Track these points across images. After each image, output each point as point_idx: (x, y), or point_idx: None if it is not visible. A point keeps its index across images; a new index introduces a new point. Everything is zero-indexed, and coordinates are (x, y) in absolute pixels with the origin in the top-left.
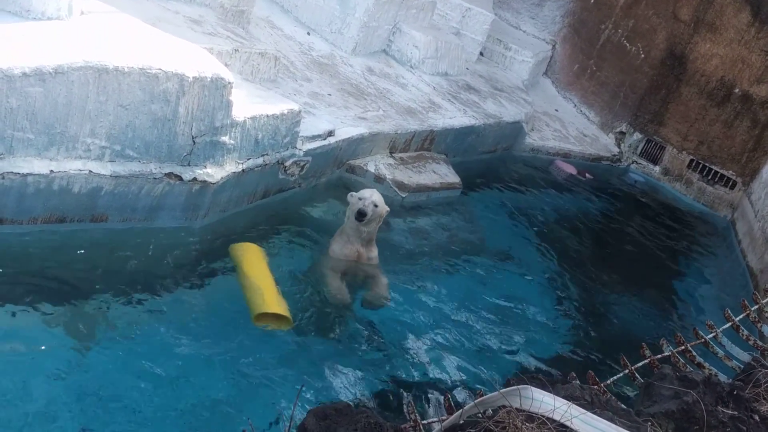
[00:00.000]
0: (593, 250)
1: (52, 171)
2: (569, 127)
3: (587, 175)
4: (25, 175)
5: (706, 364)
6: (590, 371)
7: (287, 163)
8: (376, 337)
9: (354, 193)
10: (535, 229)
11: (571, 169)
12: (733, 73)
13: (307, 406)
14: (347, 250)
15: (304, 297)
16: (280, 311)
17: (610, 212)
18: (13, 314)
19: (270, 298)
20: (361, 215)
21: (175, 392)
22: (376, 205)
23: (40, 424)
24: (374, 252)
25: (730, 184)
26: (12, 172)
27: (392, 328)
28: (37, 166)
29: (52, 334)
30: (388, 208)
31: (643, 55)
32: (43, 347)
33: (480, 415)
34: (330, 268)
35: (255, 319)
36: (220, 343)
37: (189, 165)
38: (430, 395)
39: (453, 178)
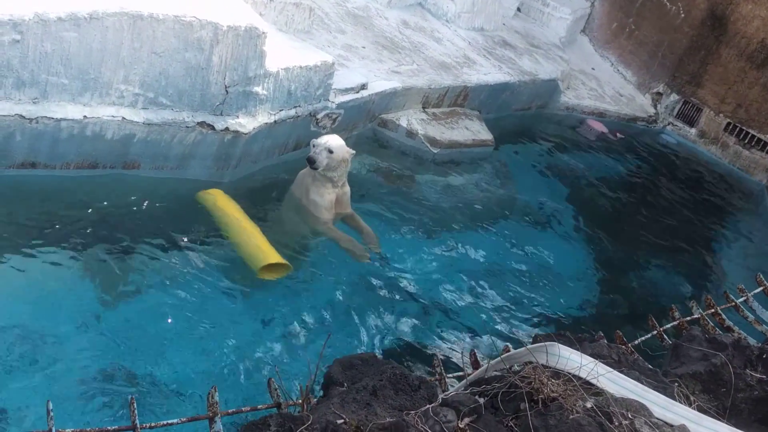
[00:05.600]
0: (625, 210)
1: (85, 116)
2: (605, 87)
3: (618, 134)
4: (58, 120)
5: (736, 328)
6: (618, 331)
7: (319, 116)
8: (403, 292)
9: (314, 140)
10: (566, 188)
11: (602, 128)
12: None
13: (332, 357)
14: (328, 197)
15: (325, 252)
16: (279, 260)
17: (643, 173)
18: (45, 256)
19: (267, 249)
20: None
21: (203, 340)
22: (330, 151)
23: (68, 365)
24: (347, 188)
25: (767, 148)
26: (46, 117)
27: (420, 282)
28: (71, 111)
29: (81, 277)
30: (351, 151)
31: (683, 15)
32: (72, 290)
33: (506, 370)
34: (326, 223)
35: (259, 272)
36: (248, 293)
37: (221, 114)
38: (456, 349)
39: (486, 135)
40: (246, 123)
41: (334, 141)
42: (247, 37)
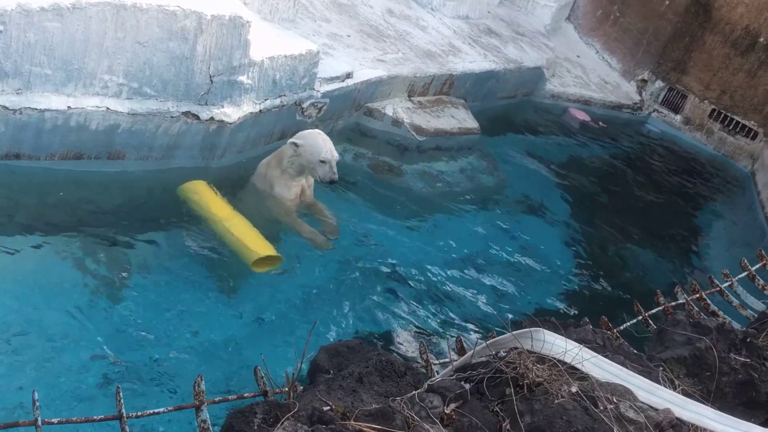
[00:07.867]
0: (611, 197)
1: (69, 107)
2: (590, 74)
3: (601, 123)
4: (42, 111)
5: (720, 312)
6: (603, 316)
7: (305, 105)
8: (389, 279)
9: (298, 141)
10: (552, 175)
11: (584, 117)
12: (758, 22)
13: (319, 345)
14: (294, 189)
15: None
16: (272, 252)
17: (629, 160)
18: (30, 247)
19: (259, 242)
20: (334, 182)
21: (189, 329)
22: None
23: (55, 356)
24: (311, 179)
25: (752, 134)
26: (29, 108)
27: (406, 270)
28: (55, 102)
29: (67, 268)
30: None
31: (667, 2)
32: (58, 280)
33: (491, 355)
34: (288, 214)
35: (253, 265)
36: (234, 282)
37: (206, 104)
38: (442, 336)
39: (471, 123)
40: (231, 112)
41: (331, 145)
42: (232, 26)
